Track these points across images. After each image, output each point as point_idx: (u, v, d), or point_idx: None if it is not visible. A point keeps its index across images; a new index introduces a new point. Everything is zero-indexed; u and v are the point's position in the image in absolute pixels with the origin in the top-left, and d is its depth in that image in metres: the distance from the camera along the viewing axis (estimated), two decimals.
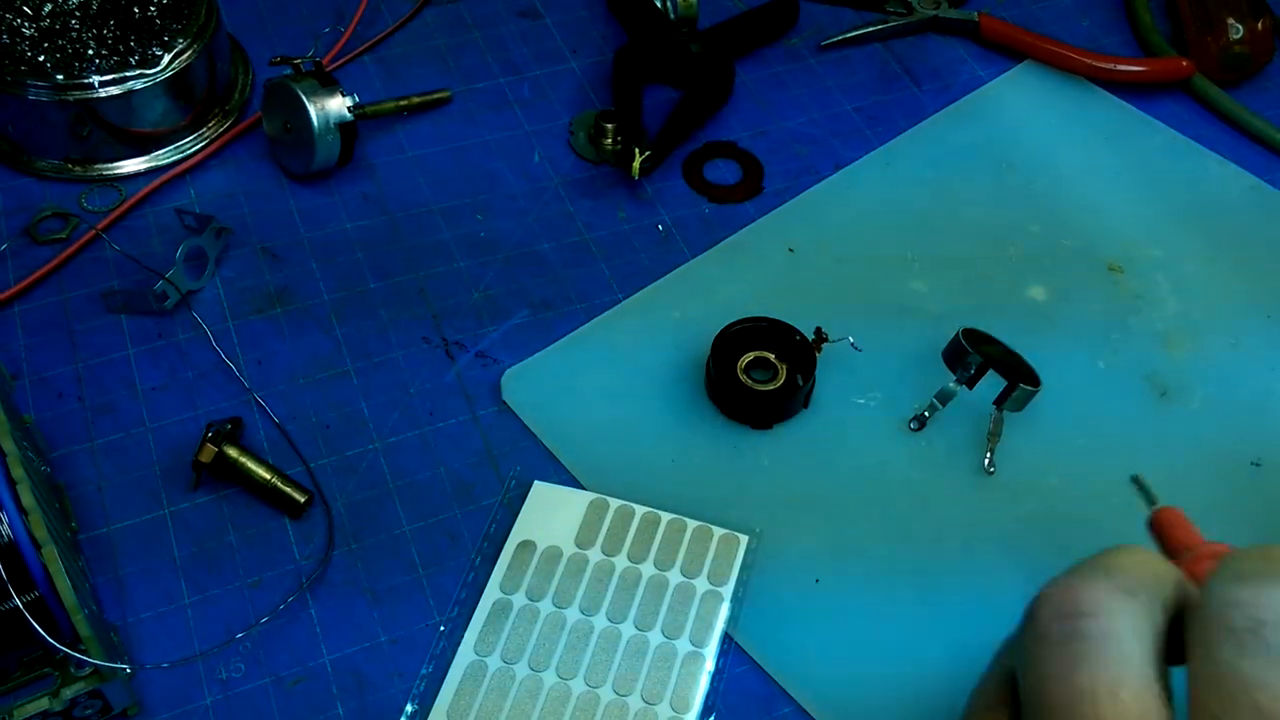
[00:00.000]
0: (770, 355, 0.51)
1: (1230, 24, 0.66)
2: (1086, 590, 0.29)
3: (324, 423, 0.49)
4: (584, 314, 0.54)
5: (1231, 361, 0.53)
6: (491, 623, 0.43)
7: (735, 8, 0.70)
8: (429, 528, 0.46)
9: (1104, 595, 0.28)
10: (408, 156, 0.60)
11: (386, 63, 0.65)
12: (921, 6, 0.69)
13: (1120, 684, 0.27)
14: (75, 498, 0.46)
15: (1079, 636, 0.28)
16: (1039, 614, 0.29)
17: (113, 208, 0.56)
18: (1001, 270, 0.57)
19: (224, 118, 0.61)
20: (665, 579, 0.45)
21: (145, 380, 0.50)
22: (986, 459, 0.48)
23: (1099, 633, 0.28)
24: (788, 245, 0.57)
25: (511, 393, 0.50)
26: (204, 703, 0.41)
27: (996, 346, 0.50)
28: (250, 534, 0.46)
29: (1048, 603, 0.29)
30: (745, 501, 0.47)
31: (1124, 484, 0.49)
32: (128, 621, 0.43)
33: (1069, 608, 0.28)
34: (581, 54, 0.67)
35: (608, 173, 0.60)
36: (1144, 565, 0.30)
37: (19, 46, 0.55)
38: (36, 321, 0.52)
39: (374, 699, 0.42)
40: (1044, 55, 0.67)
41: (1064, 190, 0.61)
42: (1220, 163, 0.63)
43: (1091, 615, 0.28)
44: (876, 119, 0.64)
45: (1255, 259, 0.58)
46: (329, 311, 0.53)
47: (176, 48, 0.56)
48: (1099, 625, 0.28)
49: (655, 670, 0.42)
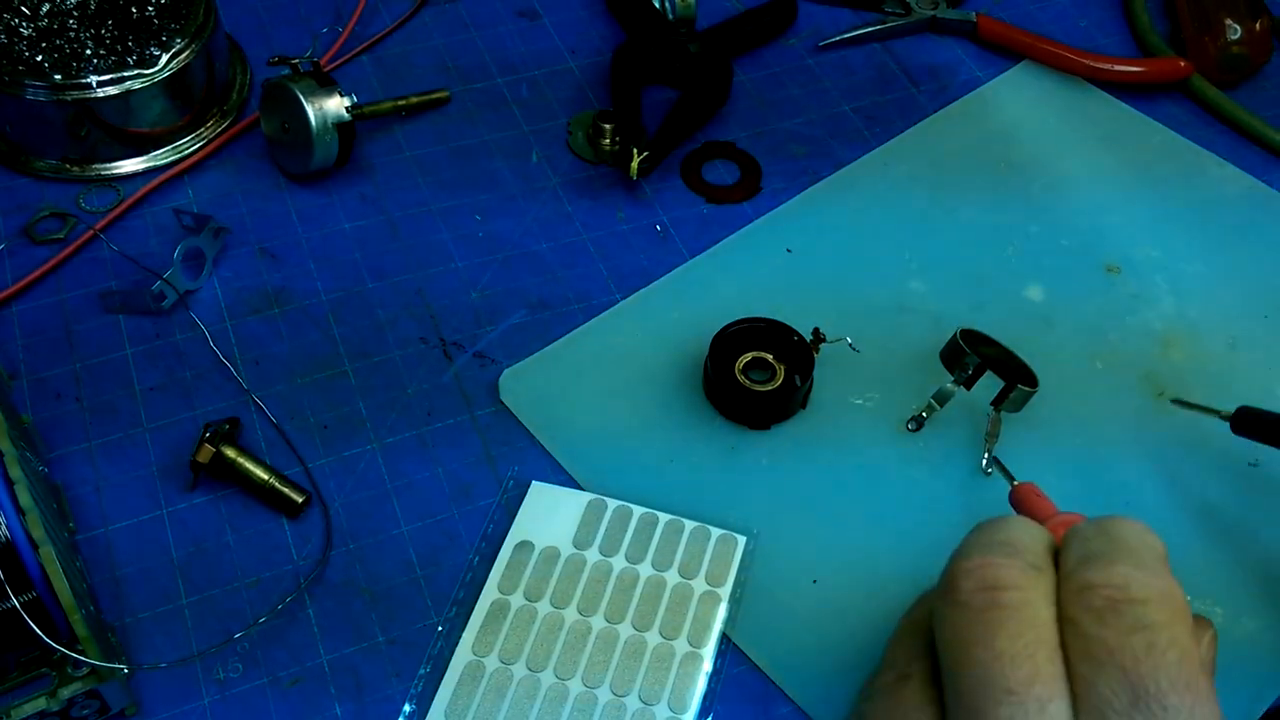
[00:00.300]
0: (768, 356, 0.51)
1: (1228, 24, 0.66)
2: (1003, 568, 0.33)
3: (322, 423, 0.49)
4: (582, 314, 0.54)
5: (1229, 361, 0.53)
6: (489, 623, 0.43)
7: (734, 8, 0.70)
8: (427, 528, 0.46)
9: (1017, 572, 0.33)
10: (406, 156, 0.60)
11: (384, 63, 0.65)
12: (919, 7, 0.69)
13: (1035, 647, 0.31)
14: (73, 498, 0.46)
15: (997, 605, 0.32)
16: (960, 585, 0.33)
17: (111, 208, 0.56)
18: (999, 270, 0.57)
19: (222, 118, 0.61)
20: (663, 579, 0.45)
21: (143, 380, 0.50)
22: (984, 460, 0.48)
23: (1017, 603, 0.32)
24: (786, 246, 0.57)
25: (509, 393, 0.50)
26: (202, 703, 0.41)
27: (995, 347, 0.50)
28: (248, 534, 0.46)
29: (968, 576, 0.33)
30: (743, 502, 0.47)
31: (1123, 485, 0.49)
32: (125, 622, 0.43)
33: (989, 581, 0.32)
34: (580, 54, 0.67)
35: (606, 173, 0.60)
36: (1037, 539, 0.34)
37: (17, 46, 0.55)
38: (34, 322, 0.52)
39: (372, 699, 0.42)
40: (1042, 56, 0.67)
41: (1062, 191, 0.61)
42: (1218, 163, 0.63)
43: (1008, 588, 0.32)
44: (874, 119, 0.64)
45: (1253, 259, 0.58)
46: (327, 311, 0.53)
47: (174, 48, 0.56)
48: (1014, 597, 0.32)
49: (653, 671, 0.42)
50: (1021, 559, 0.33)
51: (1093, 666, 0.31)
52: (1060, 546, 0.34)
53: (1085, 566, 0.33)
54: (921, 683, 0.34)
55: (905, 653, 0.36)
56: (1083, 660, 0.31)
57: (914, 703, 0.34)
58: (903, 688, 0.35)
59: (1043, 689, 0.31)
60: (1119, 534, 0.34)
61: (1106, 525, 0.34)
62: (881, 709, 0.35)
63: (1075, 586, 0.32)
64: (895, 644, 0.37)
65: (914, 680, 0.34)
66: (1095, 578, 0.32)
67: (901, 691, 0.34)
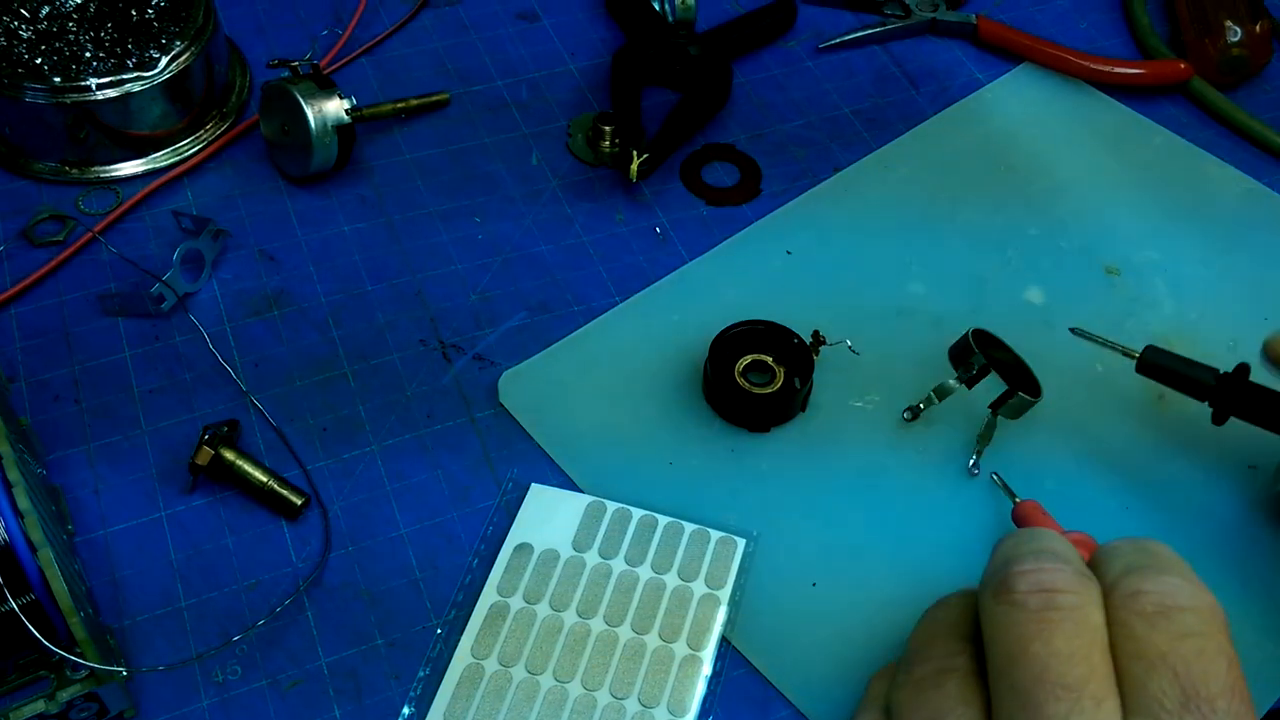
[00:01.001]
0: (768, 358, 0.51)
1: (1228, 27, 0.66)
2: (1058, 573, 0.34)
3: (321, 425, 0.49)
4: (582, 316, 0.54)
5: (1229, 364, 0.53)
6: (488, 626, 0.43)
7: (733, 10, 0.70)
8: (426, 530, 0.46)
9: (1071, 576, 0.34)
10: (405, 159, 0.60)
11: (384, 65, 0.65)
12: (919, 9, 0.69)
13: (1090, 648, 0.32)
14: (71, 500, 0.46)
15: (1054, 606, 0.33)
16: (1016, 586, 0.34)
17: (110, 210, 0.56)
18: (999, 273, 0.57)
19: (221, 120, 0.61)
20: (662, 582, 0.45)
21: (142, 383, 0.50)
22: (972, 460, 0.48)
23: (1071, 605, 0.33)
24: (785, 248, 0.57)
25: (509, 395, 0.50)
26: (200, 705, 0.41)
27: (1007, 353, 0.50)
28: (247, 536, 0.46)
29: (1024, 578, 0.34)
30: (742, 505, 0.47)
31: (1123, 487, 0.49)
32: (124, 624, 0.43)
33: (1045, 584, 0.33)
34: (579, 56, 0.67)
35: (605, 175, 0.60)
36: (1073, 551, 0.36)
37: (16, 49, 0.55)
38: (33, 324, 0.52)
39: (371, 702, 0.42)
40: (1042, 58, 0.67)
41: (1062, 193, 0.61)
42: (1218, 165, 0.63)
43: (1064, 591, 0.33)
44: (874, 121, 0.64)
45: (1253, 261, 0.58)
46: (326, 314, 0.53)
47: (174, 50, 0.56)
48: (1070, 599, 0.33)
49: (652, 673, 0.42)
50: (1072, 566, 0.34)
51: (1144, 667, 0.32)
52: (1093, 562, 0.36)
53: (1133, 575, 0.34)
54: (965, 676, 0.35)
55: (944, 647, 0.36)
56: (1134, 661, 0.32)
57: (959, 696, 0.34)
58: (946, 681, 0.35)
59: (1097, 687, 0.32)
60: (1157, 550, 0.35)
61: (1143, 543, 0.36)
62: (922, 701, 0.35)
63: (1125, 592, 0.33)
64: (928, 639, 0.37)
65: (957, 674, 0.35)
66: (1145, 585, 0.33)
67: (945, 685, 0.35)
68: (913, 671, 0.36)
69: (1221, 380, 0.46)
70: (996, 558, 0.36)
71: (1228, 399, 0.46)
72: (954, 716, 0.34)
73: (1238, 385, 0.46)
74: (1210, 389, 0.46)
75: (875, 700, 0.39)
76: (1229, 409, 0.47)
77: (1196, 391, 0.47)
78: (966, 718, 0.34)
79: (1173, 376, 0.47)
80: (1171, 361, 0.47)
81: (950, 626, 0.37)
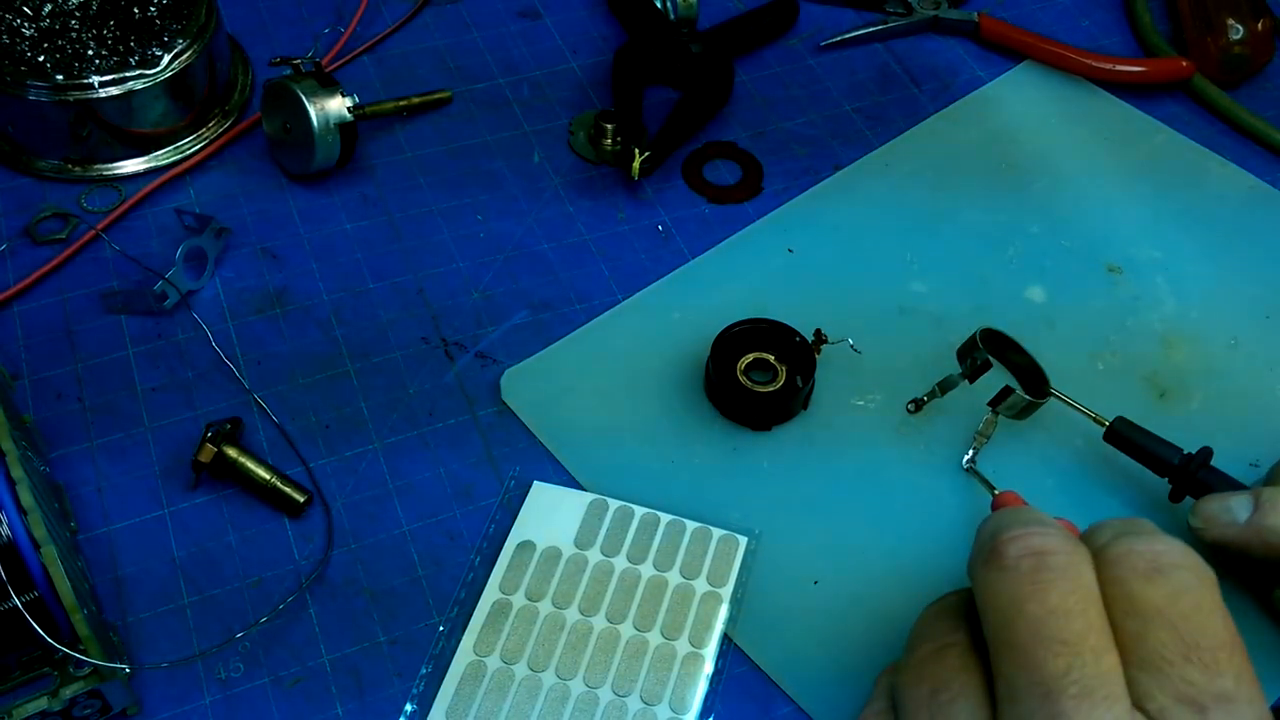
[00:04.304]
0: (770, 357, 0.51)
1: (1230, 25, 0.66)
2: (1048, 536, 0.34)
3: (323, 423, 0.49)
4: (583, 314, 0.54)
5: (1231, 362, 0.53)
6: (491, 623, 0.43)
7: (735, 8, 0.70)
8: (428, 528, 0.46)
9: (1060, 539, 0.34)
10: (407, 157, 0.60)
11: (386, 63, 0.65)
12: (921, 7, 0.69)
13: (1086, 604, 0.32)
14: (75, 498, 0.46)
15: (1046, 568, 0.33)
16: (1007, 551, 0.34)
17: (112, 208, 0.56)
18: (1001, 271, 0.57)
19: (224, 118, 0.61)
20: (664, 580, 0.45)
21: (145, 380, 0.50)
22: (968, 455, 0.48)
23: (1063, 565, 0.33)
24: (787, 246, 0.57)
25: (511, 393, 0.50)
26: (203, 702, 0.41)
27: (1021, 355, 0.50)
28: (249, 534, 0.46)
29: (1014, 543, 0.34)
30: (744, 503, 0.47)
31: (1123, 486, 0.49)
32: (127, 621, 0.43)
33: (1035, 548, 0.34)
34: (581, 54, 0.67)
35: (607, 173, 0.60)
36: (1059, 524, 0.36)
37: (19, 47, 0.55)
38: (36, 322, 0.52)
39: (373, 699, 0.42)
40: (1044, 56, 0.67)
41: (1063, 191, 0.61)
42: (1220, 163, 0.63)
43: (1055, 552, 0.33)
44: (876, 119, 0.64)
45: (1254, 259, 0.58)
46: (329, 312, 0.53)
47: (176, 48, 0.56)
48: (1061, 560, 0.33)
49: (654, 671, 0.42)
50: (1059, 530, 0.34)
51: (1141, 623, 0.32)
52: (1082, 537, 0.36)
53: (1124, 539, 0.34)
54: (963, 649, 0.35)
55: (941, 626, 0.36)
56: (1129, 618, 0.32)
57: (957, 666, 0.35)
58: (944, 655, 0.35)
59: (1096, 640, 0.32)
60: (1145, 522, 0.36)
61: (1130, 519, 0.36)
62: (921, 676, 0.35)
63: (1117, 552, 0.34)
64: (927, 623, 0.38)
65: (955, 648, 0.35)
66: (1138, 545, 0.34)
67: (945, 657, 0.35)
68: (914, 653, 0.37)
69: (1184, 460, 0.46)
70: (983, 533, 0.36)
71: (1186, 481, 0.46)
72: (956, 684, 0.34)
73: (1199, 468, 0.45)
74: (1172, 468, 0.46)
75: (883, 693, 0.39)
76: (1186, 489, 0.46)
77: (1158, 468, 0.46)
78: (969, 684, 0.34)
79: (1137, 450, 0.47)
80: (1139, 436, 0.47)
81: (948, 610, 0.37)
